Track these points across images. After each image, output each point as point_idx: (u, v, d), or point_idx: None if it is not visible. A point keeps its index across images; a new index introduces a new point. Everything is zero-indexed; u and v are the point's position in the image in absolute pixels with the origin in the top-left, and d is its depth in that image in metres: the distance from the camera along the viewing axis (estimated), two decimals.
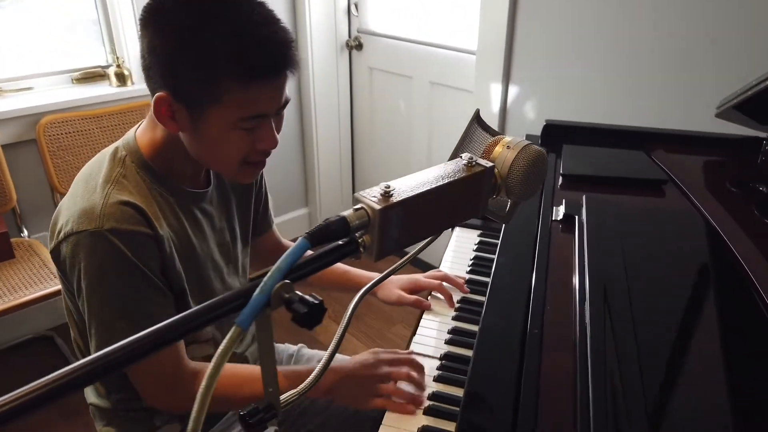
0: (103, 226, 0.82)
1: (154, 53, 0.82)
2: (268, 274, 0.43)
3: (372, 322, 2.38)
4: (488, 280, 1.21)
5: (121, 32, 2.26)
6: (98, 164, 0.92)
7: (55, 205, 2.10)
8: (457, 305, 1.13)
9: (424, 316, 1.12)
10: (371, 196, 0.50)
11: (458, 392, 0.91)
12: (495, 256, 1.26)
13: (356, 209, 0.49)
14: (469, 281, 1.19)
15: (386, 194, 0.50)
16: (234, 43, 0.79)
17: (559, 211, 1.05)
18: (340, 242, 0.49)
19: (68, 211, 0.87)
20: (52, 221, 0.91)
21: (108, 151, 0.93)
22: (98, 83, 2.27)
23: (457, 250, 1.35)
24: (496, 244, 1.33)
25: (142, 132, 0.93)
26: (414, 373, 0.91)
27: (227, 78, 0.80)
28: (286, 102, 0.87)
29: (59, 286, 1.80)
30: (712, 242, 0.93)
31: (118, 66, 2.22)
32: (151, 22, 0.83)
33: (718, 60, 1.48)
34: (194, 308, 0.42)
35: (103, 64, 2.31)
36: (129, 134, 0.95)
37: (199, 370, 0.93)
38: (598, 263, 0.83)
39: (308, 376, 0.84)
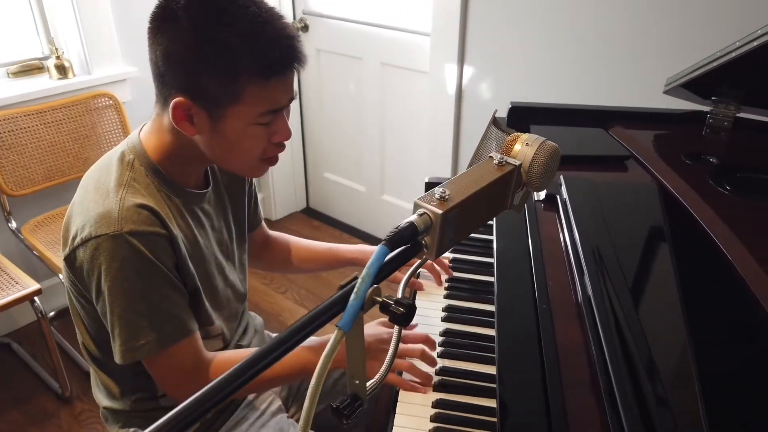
0: (123, 229, 0.85)
1: (169, 60, 0.84)
2: (359, 281, 0.48)
3: None
4: (470, 257, 1.30)
5: (56, 21, 2.16)
6: (106, 169, 0.93)
7: (2, 208, 2.04)
8: (446, 284, 1.20)
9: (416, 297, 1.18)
10: (430, 202, 0.55)
11: (464, 365, 0.99)
12: (479, 236, 1.35)
13: (420, 215, 0.54)
14: (453, 260, 1.27)
15: (443, 199, 0.55)
16: (251, 43, 0.83)
17: (540, 192, 1.13)
18: (406, 246, 0.54)
19: (82, 216, 0.88)
20: (63, 228, 0.93)
21: (114, 155, 0.94)
22: (36, 76, 2.17)
23: None
24: None
25: (147, 135, 0.95)
26: (428, 350, 0.98)
27: (247, 77, 0.84)
28: (295, 93, 0.91)
29: (20, 293, 1.76)
30: (677, 211, 1.04)
31: (58, 58, 2.12)
32: (163, 30, 0.85)
33: (665, 42, 1.60)
34: (300, 320, 0.47)
35: (40, 55, 2.20)
36: (133, 138, 0.95)
37: (213, 359, 0.97)
38: (588, 238, 0.91)
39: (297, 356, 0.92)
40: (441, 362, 1.00)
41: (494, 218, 1.12)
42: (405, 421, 0.91)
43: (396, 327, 0.59)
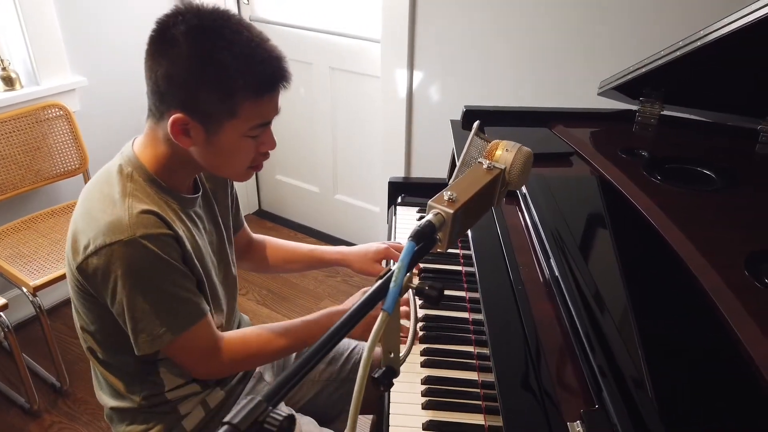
0: (136, 234, 0.92)
1: (170, 81, 0.92)
2: (396, 271, 0.59)
3: (300, 301, 2.51)
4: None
5: (1, 32, 2.12)
6: (107, 182, 0.99)
7: None
8: (420, 274, 1.32)
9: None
10: (441, 203, 0.66)
11: (444, 346, 1.12)
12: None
13: (435, 214, 0.65)
14: None
15: (451, 200, 0.66)
16: (245, 64, 0.92)
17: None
18: (426, 240, 0.65)
19: (91, 227, 0.95)
20: (71, 240, 0.98)
21: (112, 169, 1.01)
22: None
23: (403, 227, 1.53)
24: None
25: (141, 148, 1.02)
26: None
27: (242, 94, 0.93)
28: (280, 108, 1.01)
29: None
30: (619, 199, 1.19)
31: (4, 69, 2.09)
32: (163, 53, 0.92)
33: (598, 49, 1.78)
34: (353, 308, 0.57)
35: None
36: (127, 151, 1.02)
37: (224, 338, 1.08)
38: (550, 225, 1.05)
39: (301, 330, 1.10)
40: (425, 344, 1.12)
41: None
42: (400, 397, 1.02)
43: (412, 304, 0.71)
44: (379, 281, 0.60)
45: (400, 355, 0.65)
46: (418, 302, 1.23)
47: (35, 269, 1.92)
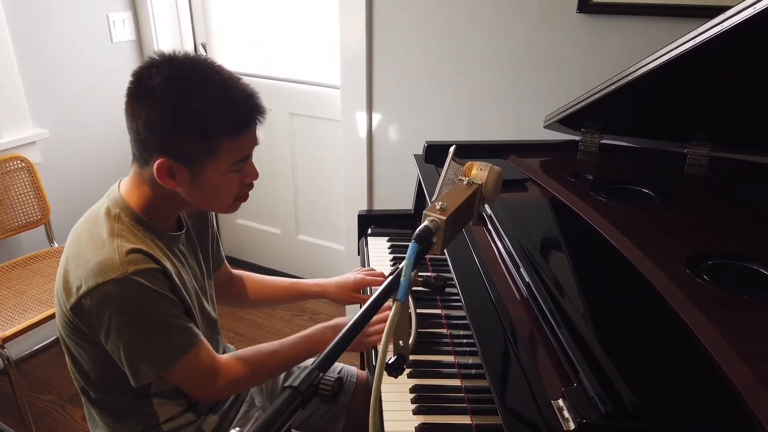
0: (127, 271, 0.97)
1: (151, 128, 0.98)
2: (404, 268, 0.68)
3: (267, 341, 2.53)
4: None
5: None
6: (94, 223, 1.04)
7: None
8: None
9: None
10: (434, 212, 0.77)
11: (427, 357, 1.21)
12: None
13: (431, 221, 0.76)
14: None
15: (442, 209, 0.77)
16: (220, 107, 0.98)
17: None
18: (425, 243, 0.75)
19: (81, 268, 0.98)
20: (61, 282, 1.02)
21: (100, 210, 1.06)
22: None
23: (376, 256, 1.63)
24: (405, 246, 1.65)
25: (127, 190, 1.07)
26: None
27: (221, 135, 0.99)
28: (259, 140, 1.09)
29: None
30: (572, 216, 1.33)
31: None
32: (142, 103, 0.98)
33: (542, 87, 1.96)
34: (369, 302, 0.66)
35: None
36: (113, 193, 1.08)
37: (224, 359, 1.13)
38: (516, 241, 1.18)
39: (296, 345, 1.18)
40: (410, 356, 1.21)
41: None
42: (393, 405, 1.10)
43: (410, 303, 0.80)
44: (390, 278, 0.69)
45: (410, 341, 0.74)
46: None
47: (2, 321, 1.90)
